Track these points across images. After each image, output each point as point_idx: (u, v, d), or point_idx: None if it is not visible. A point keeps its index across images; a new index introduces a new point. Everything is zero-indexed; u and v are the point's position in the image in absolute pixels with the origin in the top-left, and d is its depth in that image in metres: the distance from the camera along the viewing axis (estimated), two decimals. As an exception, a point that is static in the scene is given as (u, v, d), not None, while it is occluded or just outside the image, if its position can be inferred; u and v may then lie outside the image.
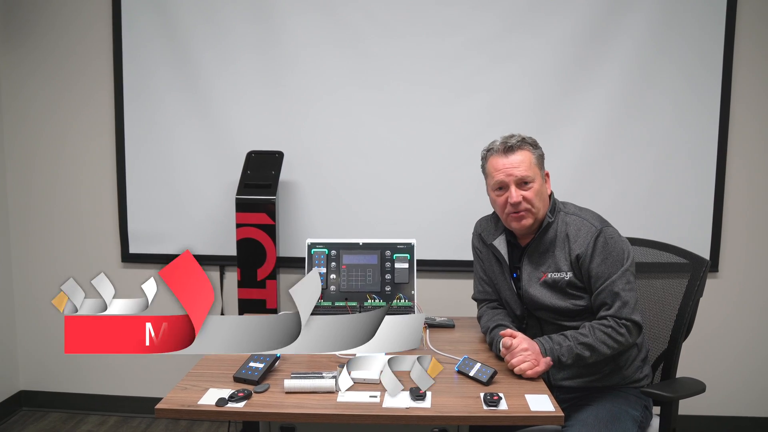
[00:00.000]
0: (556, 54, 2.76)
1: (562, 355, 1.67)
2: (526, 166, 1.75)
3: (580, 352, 1.67)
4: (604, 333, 1.68)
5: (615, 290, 1.70)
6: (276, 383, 1.56)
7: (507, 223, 1.83)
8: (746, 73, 2.75)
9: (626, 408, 1.72)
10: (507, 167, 1.75)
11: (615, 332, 1.68)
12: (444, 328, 2.07)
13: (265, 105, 2.87)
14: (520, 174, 1.74)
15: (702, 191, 2.78)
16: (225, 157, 2.88)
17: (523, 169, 1.74)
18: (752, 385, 2.92)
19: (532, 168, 1.76)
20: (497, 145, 1.79)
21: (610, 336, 1.68)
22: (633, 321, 1.70)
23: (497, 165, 1.78)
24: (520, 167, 1.75)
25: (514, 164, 1.75)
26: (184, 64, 2.87)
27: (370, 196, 2.88)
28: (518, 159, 1.75)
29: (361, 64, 2.82)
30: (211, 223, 2.94)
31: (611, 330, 1.68)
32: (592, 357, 1.69)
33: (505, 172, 1.76)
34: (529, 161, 1.76)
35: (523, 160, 1.75)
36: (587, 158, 2.79)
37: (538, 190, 1.76)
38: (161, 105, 2.90)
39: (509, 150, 1.76)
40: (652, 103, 2.76)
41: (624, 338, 1.69)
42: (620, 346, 1.70)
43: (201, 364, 1.73)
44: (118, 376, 3.09)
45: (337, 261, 1.91)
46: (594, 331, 1.69)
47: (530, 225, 1.78)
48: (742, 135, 2.79)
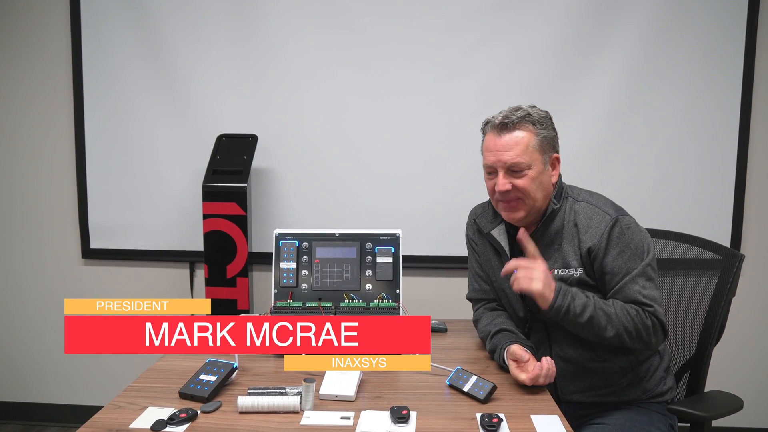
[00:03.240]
0: (557, 29, 2.51)
1: (575, 299, 1.41)
2: (519, 151, 1.48)
3: (595, 314, 1.41)
4: (627, 313, 1.42)
5: (634, 289, 1.44)
6: (230, 400, 1.30)
7: (498, 211, 1.58)
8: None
9: (649, 428, 1.45)
10: (498, 149, 1.50)
11: (640, 319, 1.42)
12: (435, 333, 1.81)
13: (237, 84, 2.60)
14: (511, 159, 1.48)
15: (721, 177, 2.54)
16: (194, 140, 2.61)
17: (515, 155, 1.48)
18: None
19: (528, 153, 1.48)
20: (496, 118, 1.53)
21: (634, 320, 1.42)
22: (660, 320, 1.44)
23: (489, 144, 1.53)
24: (511, 151, 1.48)
25: (506, 147, 1.48)
26: (148, 38, 2.59)
27: (353, 185, 2.61)
28: (511, 141, 1.49)
29: (344, 41, 2.56)
30: (179, 215, 2.67)
31: (637, 314, 1.42)
32: (607, 332, 1.41)
33: (495, 155, 1.50)
34: (525, 144, 1.48)
35: (517, 143, 1.48)
36: (591, 144, 2.53)
37: (533, 178, 1.49)
38: (124, 83, 2.63)
39: (504, 129, 1.50)
40: (665, 82, 2.50)
41: (647, 332, 1.42)
42: (640, 339, 1.43)
43: (145, 375, 1.46)
44: (79, 384, 2.83)
45: (310, 254, 1.64)
46: (616, 306, 1.43)
47: (522, 217, 1.53)
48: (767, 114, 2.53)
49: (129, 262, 2.75)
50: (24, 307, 2.82)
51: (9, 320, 2.83)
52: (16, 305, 2.83)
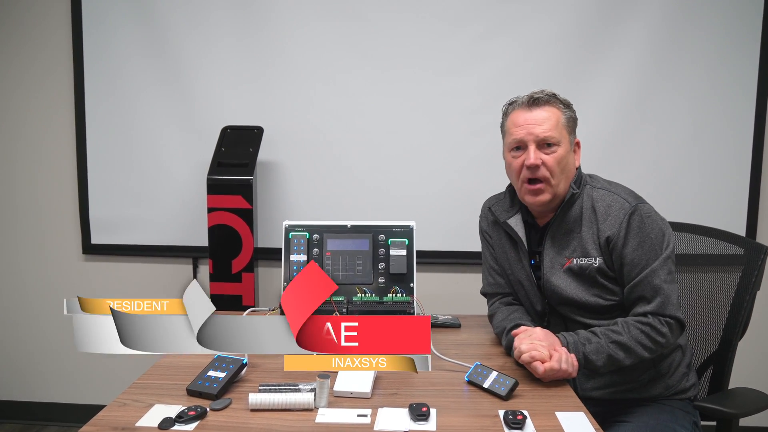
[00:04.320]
0: (572, 17, 2.45)
1: (590, 353, 1.36)
2: (552, 125, 1.44)
3: (613, 352, 1.36)
4: (641, 332, 1.38)
5: (655, 282, 1.40)
6: (240, 397, 1.24)
7: (521, 195, 1.52)
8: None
9: (674, 426, 1.40)
10: (529, 123, 1.45)
11: (655, 332, 1.38)
12: (448, 329, 1.76)
13: (243, 75, 2.54)
14: (543, 133, 1.44)
15: (736, 171, 2.49)
16: (197, 133, 2.56)
17: (547, 128, 1.44)
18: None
19: (559, 129, 1.45)
20: (522, 98, 1.49)
21: (649, 336, 1.38)
22: (676, 318, 1.40)
23: (518, 120, 1.48)
24: (543, 125, 1.44)
25: (538, 121, 1.45)
26: (151, 30, 2.54)
27: (362, 178, 2.55)
28: (543, 115, 1.45)
29: (351, 32, 2.50)
30: (182, 209, 2.61)
31: (650, 329, 1.38)
32: (627, 360, 1.38)
33: (525, 129, 1.45)
34: (557, 120, 1.45)
35: (548, 117, 1.45)
36: (598, 140, 2.46)
37: (562, 157, 1.45)
38: (126, 75, 2.58)
39: (535, 103, 1.46)
40: (674, 77, 2.45)
41: (665, 339, 1.39)
42: (660, 348, 1.41)
43: (151, 372, 1.41)
44: (80, 382, 2.77)
45: (321, 247, 1.58)
46: (629, 328, 1.38)
47: (548, 202, 1.47)
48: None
49: (131, 257, 2.69)
50: (24, 304, 2.76)
51: (8, 317, 2.77)
52: (15, 302, 2.77)
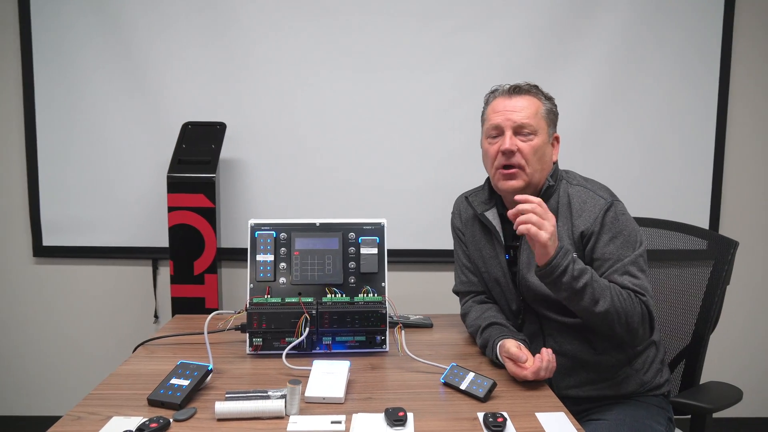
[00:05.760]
0: (542, 16, 2.45)
1: (575, 262, 1.31)
2: (530, 113, 1.44)
3: (591, 283, 1.31)
4: (621, 294, 1.33)
5: (625, 278, 1.37)
6: (205, 406, 1.17)
7: (495, 181, 1.49)
8: (747, 36, 2.52)
9: (650, 422, 1.39)
10: (507, 109, 1.45)
11: (632, 304, 1.33)
12: (420, 329, 1.72)
13: (204, 69, 2.46)
14: (520, 119, 1.43)
15: (700, 166, 2.54)
16: (156, 129, 2.46)
17: (525, 116, 1.43)
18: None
19: (538, 118, 1.45)
20: (504, 86, 1.49)
21: (625, 302, 1.32)
22: (650, 312, 1.36)
23: (497, 106, 1.47)
24: (521, 112, 1.44)
25: (516, 108, 1.44)
26: (105, 18, 2.43)
27: (330, 175, 2.50)
28: (523, 104, 1.45)
29: (319, 26, 2.45)
30: (141, 209, 2.51)
31: (629, 298, 1.34)
32: (598, 306, 1.31)
33: (503, 115, 1.45)
34: (536, 109, 1.45)
35: (527, 106, 1.45)
36: (572, 132, 2.47)
37: (538, 146, 1.44)
38: (79, 67, 2.46)
39: (515, 91, 1.47)
40: (645, 70, 2.49)
41: (637, 319, 1.33)
42: (628, 326, 1.33)
43: (108, 381, 1.32)
44: (32, 393, 2.63)
45: (288, 246, 1.52)
46: (612, 285, 1.35)
47: (520, 188, 1.44)
48: (743, 105, 2.56)
49: (86, 259, 2.57)
50: (-32, 311, 2.61)
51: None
52: (-41, 308, 2.61)
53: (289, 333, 1.44)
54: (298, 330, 1.42)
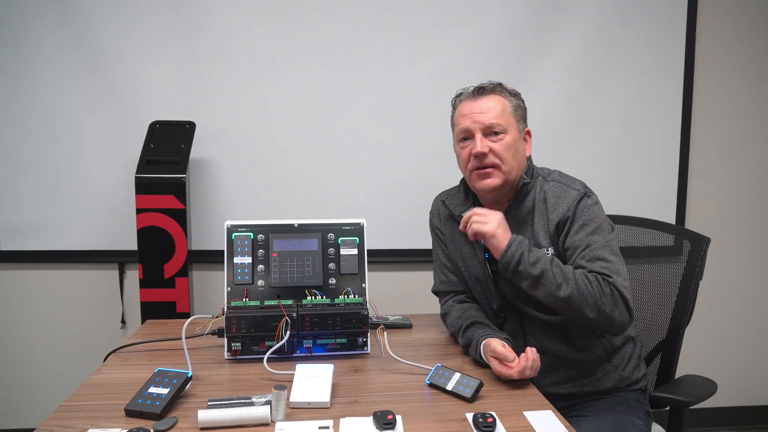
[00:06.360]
0: (511, 18, 2.47)
1: (531, 251, 1.34)
2: (497, 113, 1.44)
3: (549, 268, 1.31)
4: (585, 278, 1.32)
5: (596, 263, 1.35)
6: (187, 415, 1.13)
7: (471, 183, 1.50)
8: (709, 37, 2.59)
9: (630, 417, 1.41)
10: (474, 112, 1.44)
11: (598, 285, 1.31)
12: (399, 329, 1.71)
13: (172, 65, 2.39)
14: (488, 120, 1.43)
15: (667, 164, 2.60)
16: (122, 128, 2.38)
17: (492, 116, 1.43)
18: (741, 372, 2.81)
19: (506, 116, 1.45)
20: (468, 89, 1.49)
21: (591, 284, 1.31)
22: (620, 292, 1.32)
23: (464, 110, 1.47)
24: (488, 113, 1.43)
25: (483, 109, 1.44)
26: (67, 11, 2.33)
27: (303, 176, 2.46)
28: (489, 104, 1.44)
29: (292, 23, 2.41)
30: (107, 211, 2.42)
31: (595, 280, 1.32)
32: (561, 291, 1.30)
33: (471, 118, 1.44)
34: (503, 108, 1.45)
35: (494, 106, 1.44)
36: (549, 127, 2.50)
37: (510, 144, 1.44)
38: (38, 62, 2.35)
39: (480, 92, 1.46)
40: (613, 71, 2.53)
41: (607, 300, 1.30)
42: (600, 310, 1.30)
43: (81, 392, 1.26)
44: None
45: (266, 248, 1.48)
46: (575, 270, 1.34)
47: (498, 185, 1.45)
48: (706, 103, 2.64)
49: (47, 264, 2.47)
50: None
51: None
52: None
53: (269, 337, 1.40)
54: (278, 333, 1.39)
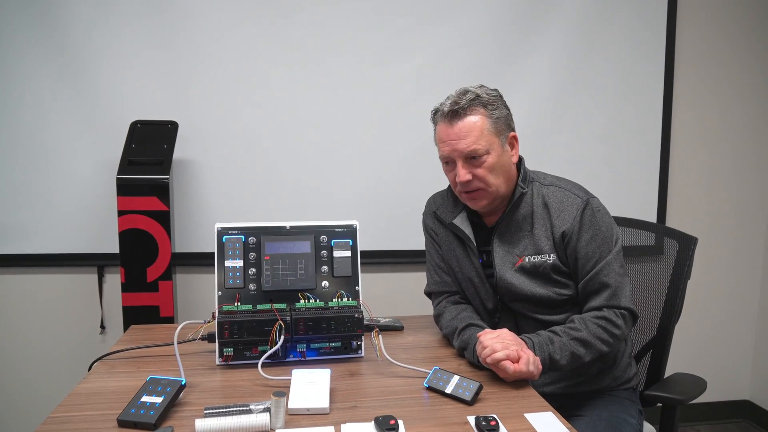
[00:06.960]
0: (494, 17, 2.47)
1: (554, 352, 1.35)
2: (475, 137, 1.40)
3: (575, 349, 1.36)
4: (598, 326, 1.39)
5: (609, 275, 1.42)
6: (183, 424, 1.10)
7: (462, 200, 1.52)
8: (689, 36, 2.63)
9: (624, 416, 1.43)
10: (452, 139, 1.42)
11: (611, 324, 1.40)
12: (391, 331, 1.69)
13: (154, 63, 2.33)
14: (467, 148, 1.41)
15: (648, 162, 2.64)
16: (102, 127, 2.31)
17: (470, 142, 1.40)
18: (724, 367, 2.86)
19: (484, 137, 1.41)
20: (445, 105, 1.44)
21: (606, 330, 1.39)
22: (630, 310, 1.44)
23: (442, 135, 1.46)
24: (466, 139, 1.41)
25: (460, 135, 1.41)
26: (44, 9, 2.25)
27: (288, 176, 2.43)
28: (465, 128, 1.41)
29: (274, 22, 2.37)
30: (86, 213, 2.36)
31: (606, 322, 1.39)
32: (588, 355, 1.39)
33: (450, 146, 1.43)
34: (480, 129, 1.41)
35: (471, 129, 1.41)
36: (528, 130, 2.50)
37: (493, 164, 1.43)
38: (14, 59, 2.27)
39: (454, 116, 1.42)
40: (595, 70, 2.56)
41: (621, 331, 1.41)
42: (617, 341, 1.43)
43: (69, 402, 1.22)
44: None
45: (258, 251, 1.46)
46: (587, 324, 1.39)
47: (487, 205, 1.47)
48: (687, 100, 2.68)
49: (24, 269, 2.39)
50: None
51: None
52: None
53: (263, 342, 1.38)
54: (272, 338, 1.37)
